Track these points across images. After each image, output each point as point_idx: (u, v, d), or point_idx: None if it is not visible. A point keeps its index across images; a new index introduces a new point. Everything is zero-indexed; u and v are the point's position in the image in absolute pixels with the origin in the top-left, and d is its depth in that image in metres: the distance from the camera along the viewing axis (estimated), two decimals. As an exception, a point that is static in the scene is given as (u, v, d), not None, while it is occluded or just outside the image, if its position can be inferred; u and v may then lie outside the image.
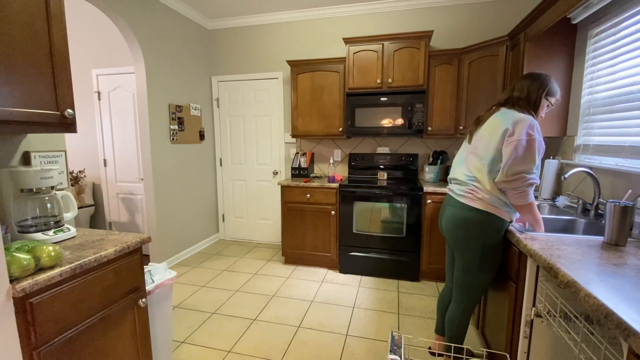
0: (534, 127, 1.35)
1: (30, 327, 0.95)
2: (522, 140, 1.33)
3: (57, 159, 1.65)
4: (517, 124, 1.36)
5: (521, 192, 1.36)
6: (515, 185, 1.35)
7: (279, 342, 1.99)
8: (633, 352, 0.70)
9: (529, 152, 1.33)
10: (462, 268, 1.55)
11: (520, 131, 1.34)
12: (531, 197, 1.38)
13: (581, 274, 0.95)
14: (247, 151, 3.82)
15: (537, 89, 1.44)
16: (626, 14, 1.59)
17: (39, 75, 1.15)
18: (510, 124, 1.37)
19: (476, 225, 1.46)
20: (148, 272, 1.57)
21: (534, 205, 1.41)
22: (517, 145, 1.33)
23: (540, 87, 1.44)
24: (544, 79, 1.46)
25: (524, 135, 1.33)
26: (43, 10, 1.16)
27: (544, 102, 1.45)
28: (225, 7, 3.27)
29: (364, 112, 2.96)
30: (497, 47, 2.47)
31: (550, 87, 1.45)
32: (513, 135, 1.35)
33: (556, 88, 1.47)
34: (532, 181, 1.34)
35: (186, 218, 3.43)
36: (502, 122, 1.41)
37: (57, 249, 1.05)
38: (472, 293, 1.56)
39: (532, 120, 1.37)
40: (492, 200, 1.42)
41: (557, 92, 1.47)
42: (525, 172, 1.33)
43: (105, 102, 3.37)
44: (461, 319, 1.60)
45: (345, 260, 2.97)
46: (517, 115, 1.40)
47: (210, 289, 2.70)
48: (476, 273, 1.51)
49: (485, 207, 1.43)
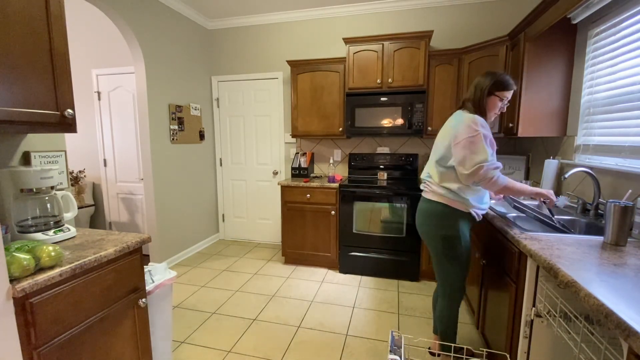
0: (477, 123, 1.42)
1: (30, 327, 0.95)
2: (467, 139, 1.42)
3: (57, 159, 1.65)
4: (461, 125, 1.45)
5: (488, 180, 1.41)
6: (479, 178, 1.42)
7: (279, 342, 1.99)
8: (633, 352, 0.70)
9: (477, 146, 1.41)
10: (433, 261, 1.66)
11: (464, 131, 1.43)
12: (502, 180, 1.43)
13: (581, 274, 0.94)
14: (247, 151, 3.82)
15: (482, 87, 1.49)
16: (626, 14, 1.59)
17: (39, 75, 1.15)
18: (456, 126, 1.47)
19: (433, 216, 1.58)
20: (148, 272, 1.57)
21: (512, 185, 1.45)
22: (465, 145, 1.42)
23: (485, 85, 1.48)
24: (491, 75, 1.49)
25: (468, 134, 1.42)
26: (43, 10, 1.16)
27: (492, 98, 1.49)
28: (225, 7, 3.27)
29: (364, 112, 2.96)
30: (497, 47, 2.47)
31: (498, 81, 1.47)
32: (458, 137, 1.45)
33: (506, 82, 1.47)
34: (491, 166, 1.40)
35: (186, 218, 3.43)
36: (452, 125, 1.51)
37: (57, 249, 1.05)
38: (448, 285, 1.62)
39: (476, 118, 1.44)
40: (444, 192, 1.54)
41: (509, 86, 1.48)
42: (481, 162, 1.40)
43: (105, 102, 3.37)
44: (446, 313, 1.65)
45: (345, 260, 2.97)
46: (463, 116, 1.48)
47: (210, 289, 2.70)
48: (445, 264, 1.59)
49: (438, 199, 1.55)
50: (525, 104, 2.13)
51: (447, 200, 1.53)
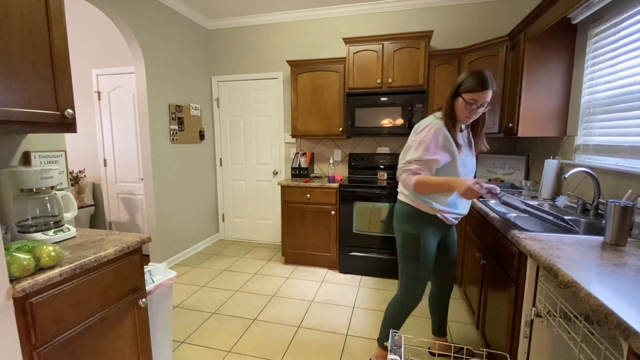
0: (426, 127, 1.46)
1: (30, 327, 0.95)
2: (411, 141, 1.50)
3: (57, 159, 1.65)
4: (415, 130, 1.52)
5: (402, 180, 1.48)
6: (398, 175, 1.50)
7: (279, 342, 1.99)
8: (633, 352, 0.69)
9: (412, 148, 1.47)
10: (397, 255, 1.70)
11: (413, 134, 1.52)
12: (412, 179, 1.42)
13: (581, 274, 0.94)
14: (247, 151, 3.82)
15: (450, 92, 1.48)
16: (626, 14, 1.59)
17: (39, 75, 1.15)
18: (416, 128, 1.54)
19: (400, 215, 1.63)
20: (148, 272, 1.57)
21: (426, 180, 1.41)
22: (406, 147, 1.52)
23: (454, 85, 1.47)
24: (464, 75, 1.45)
25: (414, 136, 1.50)
26: (43, 10, 1.16)
27: (458, 100, 1.45)
28: (225, 7, 3.27)
29: (364, 112, 2.96)
30: (497, 47, 2.47)
31: (464, 81, 1.42)
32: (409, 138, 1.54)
33: (472, 82, 1.39)
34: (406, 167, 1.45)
35: (186, 218, 3.43)
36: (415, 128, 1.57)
37: (57, 249, 1.05)
38: (403, 287, 1.64)
39: (431, 124, 1.45)
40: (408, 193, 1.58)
41: (475, 87, 1.38)
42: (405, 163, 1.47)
43: (105, 102, 3.37)
44: (393, 305, 1.68)
45: (345, 260, 2.97)
46: (427, 119, 1.52)
47: (210, 289, 2.70)
48: (402, 261, 1.63)
49: (405, 199, 1.60)
50: (525, 104, 2.13)
51: (412, 201, 1.56)
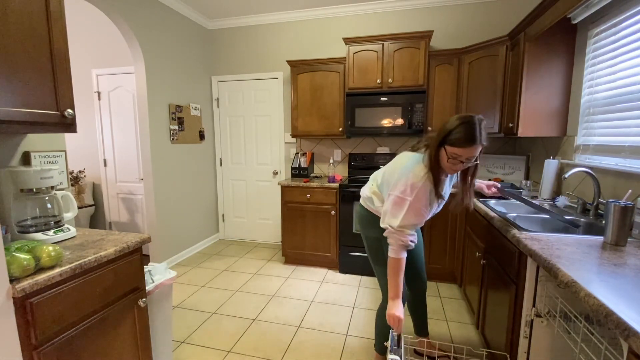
0: (413, 187, 1.31)
1: (30, 327, 0.95)
2: (397, 197, 1.34)
3: (57, 159, 1.65)
4: (404, 177, 1.35)
5: (390, 243, 1.36)
6: (386, 234, 1.37)
7: (279, 342, 1.99)
8: (633, 352, 0.70)
9: (397, 210, 1.33)
10: None
11: (400, 187, 1.35)
12: (396, 254, 1.34)
13: (581, 274, 0.94)
14: (247, 151, 3.82)
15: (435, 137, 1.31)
16: (626, 14, 1.59)
17: (39, 75, 1.15)
18: (402, 173, 1.38)
19: (361, 219, 1.67)
20: (148, 272, 1.57)
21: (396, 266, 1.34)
22: (390, 199, 1.38)
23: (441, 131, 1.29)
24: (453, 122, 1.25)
25: (399, 192, 1.34)
26: (43, 10, 1.16)
27: (440, 151, 1.29)
28: (225, 7, 3.27)
29: (364, 112, 2.96)
30: (497, 47, 2.47)
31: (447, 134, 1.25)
32: (395, 186, 1.37)
33: (458, 136, 1.21)
34: (396, 236, 1.32)
35: (186, 218, 3.43)
36: (402, 166, 1.42)
37: (57, 249, 1.05)
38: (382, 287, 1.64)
39: (417, 182, 1.31)
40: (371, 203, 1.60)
41: (461, 142, 1.21)
42: (391, 226, 1.34)
43: (105, 102, 3.37)
44: (380, 311, 1.67)
45: (345, 260, 2.97)
46: (410, 167, 1.37)
47: (210, 289, 2.70)
48: (374, 266, 1.65)
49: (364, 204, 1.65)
50: (525, 104, 2.13)
51: (369, 207, 1.61)
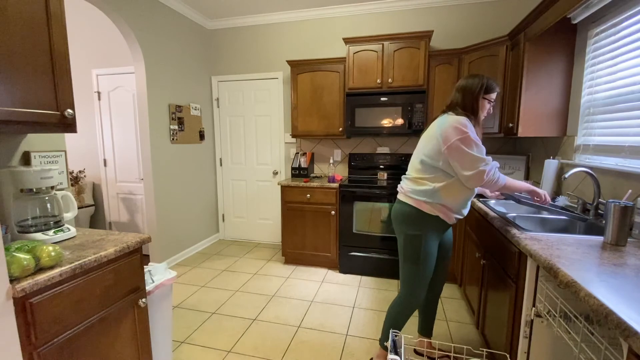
0: (465, 125, 1.43)
1: (30, 327, 0.95)
2: (456, 142, 1.42)
3: (57, 159, 1.65)
4: (448, 129, 1.45)
5: (489, 182, 1.43)
6: (479, 182, 1.42)
7: (279, 342, 1.99)
8: (633, 352, 0.70)
9: (468, 148, 1.41)
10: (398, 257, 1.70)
11: (452, 135, 1.43)
12: (501, 180, 1.46)
13: (581, 274, 0.94)
14: (247, 151, 3.82)
15: (472, 91, 1.51)
16: (626, 14, 1.59)
17: (39, 75, 1.15)
18: (443, 129, 1.46)
19: (401, 215, 1.62)
20: (148, 272, 1.57)
21: (511, 183, 1.49)
22: (458, 148, 1.42)
23: (476, 89, 1.50)
24: (478, 78, 1.52)
25: (457, 135, 1.42)
26: (43, 10, 1.16)
27: (482, 102, 1.52)
28: (225, 7, 3.27)
29: (364, 112, 2.96)
30: (497, 47, 2.47)
31: (486, 85, 1.51)
32: (448, 140, 1.44)
33: (492, 85, 1.52)
34: (486, 169, 1.41)
35: (186, 218, 3.43)
36: (437, 127, 1.51)
37: (57, 249, 1.05)
38: (406, 283, 1.64)
39: (462, 120, 1.44)
40: (414, 194, 1.56)
41: (494, 88, 1.53)
42: (477, 165, 1.40)
43: (105, 102, 3.37)
44: (394, 306, 1.68)
45: (345, 260, 2.97)
46: (449, 119, 1.48)
47: (210, 289, 2.70)
48: (404, 262, 1.63)
49: (408, 200, 1.58)
50: (525, 104, 2.13)
51: (413, 201, 1.56)
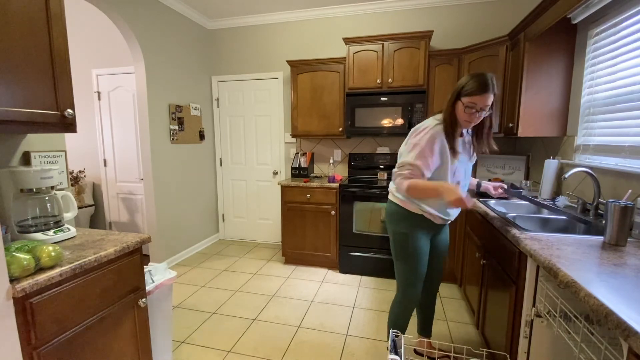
0: (423, 130, 1.45)
1: (30, 327, 0.95)
2: (410, 143, 1.49)
3: (57, 159, 1.65)
4: (413, 132, 1.51)
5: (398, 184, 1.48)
6: (394, 177, 1.50)
7: (279, 342, 1.99)
8: (633, 352, 0.70)
9: (411, 151, 1.45)
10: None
11: (411, 135, 1.51)
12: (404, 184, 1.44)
13: (581, 274, 0.94)
14: (247, 151, 3.82)
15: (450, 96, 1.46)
16: (626, 14, 1.59)
17: (39, 75, 1.15)
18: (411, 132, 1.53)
19: (390, 215, 1.66)
20: (148, 272, 1.57)
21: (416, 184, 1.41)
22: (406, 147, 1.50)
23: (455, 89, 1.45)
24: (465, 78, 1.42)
25: (412, 138, 1.49)
26: (43, 10, 1.16)
27: (457, 105, 1.42)
28: (225, 7, 3.27)
29: (364, 112, 2.96)
30: (497, 47, 2.47)
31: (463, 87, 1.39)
32: (407, 139, 1.53)
33: (472, 86, 1.36)
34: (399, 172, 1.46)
35: (186, 218, 3.43)
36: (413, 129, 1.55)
37: (57, 249, 1.05)
38: (398, 283, 1.67)
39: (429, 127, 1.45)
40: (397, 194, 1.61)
41: (475, 90, 1.35)
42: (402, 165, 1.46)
43: (105, 102, 3.37)
44: (394, 306, 1.71)
45: (345, 260, 2.97)
46: (424, 123, 1.51)
47: (210, 289, 2.70)
48: (395, 261, 1.66)
49: (394, 199, 1.63)
50: (525, 104, 2.13)
51: (400, 201, 1.59)
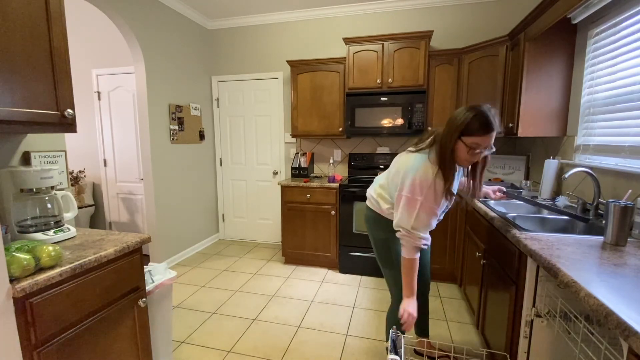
0: (422, 186, 1.28)
1: (30, 327, 0.95)
2: (404, 197, 1.33)
3: (57, 159, 1.65)
4: (407, 178, 1.33)
5: (403, 244, 1.37)
6: (399, 236, 1.37)
7: (279, 342, 1.99)
8: (633, 352, 0.70)
9: (408, 211, 1.32)
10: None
11: (407, 187, 1.32)
12: (410, 255, 1.35)
13: (581, 274, 0.94)
14: (247, 151, 3.82)
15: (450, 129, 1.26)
16: (626, 14, 1.59)
17: (39, 75, 1.15)
18: (408, 174, 1.33)
19: (372, 221, 1.63)
20: (148, 272, 1.57)
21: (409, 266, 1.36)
22: (401, 200, 1.35)
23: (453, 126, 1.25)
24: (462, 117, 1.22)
25: (408, 192, 1.31)
26: (43, 10, 1.16)
27: (458, 144, 1.25)
28: (225, 7, 3.27)
29: (364, 112, 2.95)
30: (497, 47, 2.47)
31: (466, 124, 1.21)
32: (403, 188, 1.35)
33: (475, 126, 1.19)
34: (409, 239, 1.33)
35: (186, 218, 3.43)
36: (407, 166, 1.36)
37: (57, 249, 1.05)
38: (390, 289, 1.66)
39: (429, 177, 1.27)
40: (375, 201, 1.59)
41: (480, 130, 1.19)
42: (404, 228, 1.34)
43: (105, 102, 3.37)
44: (390, 317, 1.68)
45: (345, 260, 2.97)
46: (417, 166, 1.32)
47: (210, 289, 2.70)
48: (383, 268, 1.65)
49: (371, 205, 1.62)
50: (525, 104, 2.13)
51: (376, 209, 1.58)
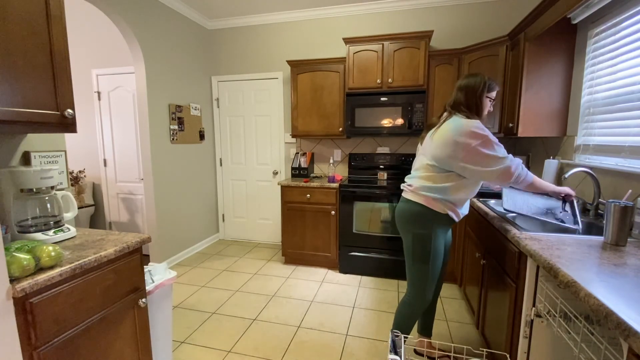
0: (482, 128, 1.42)
1: (30, 327, 0.95)
2: (476, 147, 1.40)
3: (57, 159, 1.65)
4: (464, 133, 1.42)
5: (517, 179, 1.42)
6: (507, 178, 1.40)
7: (279, 342, 1.99)
8: (633, 352, 0.70)
9: (490, 150, 1.40)
10: (405, 257, 1.68)
11: (471, 139, 1.40)
12: (529, 178, 1.44)
13: (581, 274, 0.94)
14: (247, 151, 3.82)
15: (475, 90, 1.51)
16: (626, 14, 1.59)
17: (39, 75, 1.15)
18: (460, 135, 1.42)
19: (409, 214, 1.59)
20: (148, 272, 1.57)
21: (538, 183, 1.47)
22: (478, 153, 1.40)
23: (479, 88, 1.51)
24: (480, 79, 1.52)
25: (476, 142, 1.40)
26: (43, 10, 1.15)
27: (484, 101, 1.52)
28: (225, 7, 3.27)
29: (364, 112, 2.96)
30: (497, 47, 2.47)
31: (487, 85, 1.52)
32: (468, 144, 1.40)
33: (492, 83, 1.54)
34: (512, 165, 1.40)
35: (186, 218, 3.43)
36: (452, 132, 1.45)
37: (57, 249, 1.05)
38: (413, 283, 1.64)
39: (476, 123, 1.43)
40: (426, 192, 1.53)
41: (495, 87, 1.54)
42: (502, 165, 1.39)
43: (105, 102, 3.37)
44: (403, 308, 1.67)
45: (345, 260, 2.97)
46: (461, 122, 1.45)
47: (210, 289, 2.70)
48: (412, 262, 1.61)
49: (418, 199, 1.55)
50: (525, 104, 2.13)
51: (427, 201, 1.53)
